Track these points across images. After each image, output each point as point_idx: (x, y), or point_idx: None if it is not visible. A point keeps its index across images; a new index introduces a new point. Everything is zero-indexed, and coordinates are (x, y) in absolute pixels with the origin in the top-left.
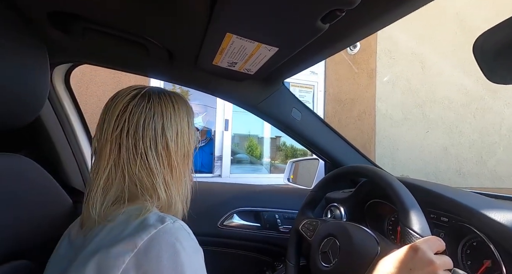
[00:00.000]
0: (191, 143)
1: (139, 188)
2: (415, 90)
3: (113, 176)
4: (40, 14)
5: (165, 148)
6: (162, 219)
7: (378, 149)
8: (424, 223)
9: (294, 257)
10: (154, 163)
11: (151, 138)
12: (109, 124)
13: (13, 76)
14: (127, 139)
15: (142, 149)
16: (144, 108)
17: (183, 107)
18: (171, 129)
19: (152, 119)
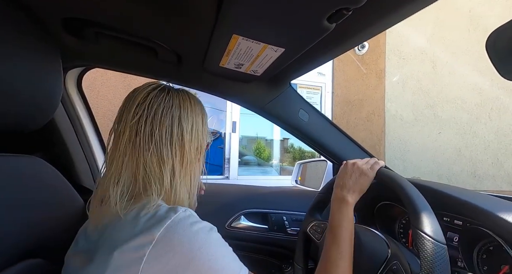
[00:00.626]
0: (204, 138)
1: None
2: (426, 91)
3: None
4: (55, 20)
5: (180, 139)
6: (174, 209)
7: (388, 151)
8: (436, 225)
9: (302, 259)
10: (166, 151)
11: (167, 126)
12: (129, 112)
13: (28, 80)
14: (144, 126)
15: (158, 136)
16: (163, 99)
17: (198, 104)
18: (187, 120)
19: (170, 109)
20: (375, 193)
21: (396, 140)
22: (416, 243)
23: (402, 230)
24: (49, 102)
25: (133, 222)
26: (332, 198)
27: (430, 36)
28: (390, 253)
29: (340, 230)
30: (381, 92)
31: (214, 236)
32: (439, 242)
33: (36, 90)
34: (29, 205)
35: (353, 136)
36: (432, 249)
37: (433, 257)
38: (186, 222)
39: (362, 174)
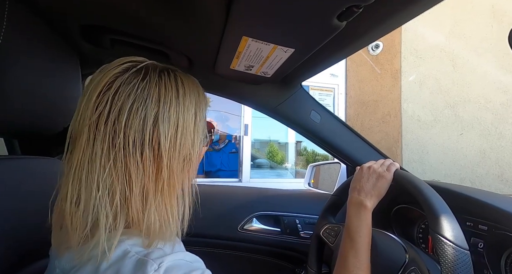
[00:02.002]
0: (195, 144)
1: (108, 201)
2: (446, 90)
3: (84, 179)
4: (73, 29)
5: (156, 148)
6: (142, 267)
7: (405, 153)
8: (458, 229)
9: (316, 263)
10: (135, 165)
11: (137, 130)
12: (88, 104)
13: (49, 86)
14: (105, 128)
15: (121, 144)
16: (136, 86)
17: (191, 94)
18: (167, 122)
19: (143, 105)
20: (392, 195)
21: (414, 142)
22: (436, 249)
23: (422, 235)
24: (69, 107)
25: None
26: (348, 203)
27: (449, 33)
28: (408, 258)
29: (359, 237)
30: (397, 92)
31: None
32: (461, 248)
33: (56, 96)
34: (47, 204)
35: (368, 138)
36: (453, 255)
37: (455, 264)
38: None
39: (380, 177)
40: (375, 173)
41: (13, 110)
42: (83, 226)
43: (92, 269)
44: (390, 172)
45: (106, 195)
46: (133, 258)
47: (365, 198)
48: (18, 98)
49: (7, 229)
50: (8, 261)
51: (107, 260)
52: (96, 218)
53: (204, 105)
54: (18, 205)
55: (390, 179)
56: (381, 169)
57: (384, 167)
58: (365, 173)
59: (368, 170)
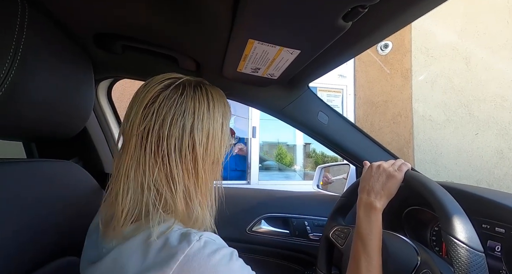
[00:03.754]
0: (222, 149)
1: (155, 196)
2: (459, 89)
3: (132, 177)
4: (87, 36)
5: (191, 152)
6: (186, 237)
7: (417, 154)
8: (471, 231)
9: (325, 266)
10: (176, 167)
11: (177, 138)
12: (136, 115)
13: (64, 92)
14: (151, 135)
15: (165, 149)
16: (175, 101)
17: (219, 106)
18: (201, 131)
19: (182, 117)
20: (403, 197)
21: (426, 142)
22: (448, 251)
23: (435, 238)
24: (83, 112)
25: (141, 250)
26: (358, 204)
27: (461, 30)
28: (420, 261)
29: (370, 239)
30: (407, 92)
31: (236, 266)
32: (475, 250)
33: (71, 102)
34: (64, 206)
35: (379, 139)
36: (467, 257)
37: (468, 266)
38: (202, 254)
39: (390, 177)
40: (385, 172)
41: (31, 115)
42: (130, 214)
43: (143, 238)
44: (401, 171)
45: (155, 192)
46: (178, 231)
47: (375, 199)
48: (36, 103)
49: (25, 229)
50: (25, 261)
51: (155, 233)
52: (144, 208)
53: (228, 115)
54: (36, 206)
55: (401, 179)
56: (392, 169)
57: (395, 166)
58: (374, 172)
59: (377, 169)
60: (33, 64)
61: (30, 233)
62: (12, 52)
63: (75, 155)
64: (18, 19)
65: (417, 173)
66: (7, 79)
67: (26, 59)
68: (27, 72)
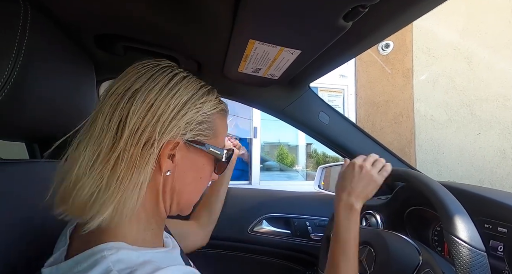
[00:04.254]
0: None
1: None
2: (461, 89)
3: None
4: (88, 37)
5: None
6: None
7: (419, 154)
8: (473, 230)
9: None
10: (98, 136)
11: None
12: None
13: (66, 93)
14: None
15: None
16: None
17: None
18: (143, 97)
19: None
20: (405, 196)
21: (428, 142)
22: (450, 250)
23: (437, 238)
24: (84, 112)
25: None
26: (337, 203)
27: (463, 30)
28: (421, 261)
29: (349, 240)
30: (408, 92)
31: None
32: (477, 249)
33: (73, 102)
34: None
35: (380, 139)
36: (468, 256)
37: (470, 265)
38: None
39: (372, 181)
40: (367, 176)
41: (33, 116)
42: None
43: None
44: (382, 177)
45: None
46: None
47: (355, 200)
48: (39, 105)
49: (28, 229)
50: (28, 261)
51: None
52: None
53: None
54: (39, 205)
55: (380, 184)
56: (374, 172)
57: (376, 169)
58: (356, 173)
59: (359, 170)
60: (36, 65)
61: (32, 234)
62: (15, 53)
63: None
64: (20, 20)
65: (419, 172)
66: (10, 80)
67: (29, 60)
68: (29, 73)
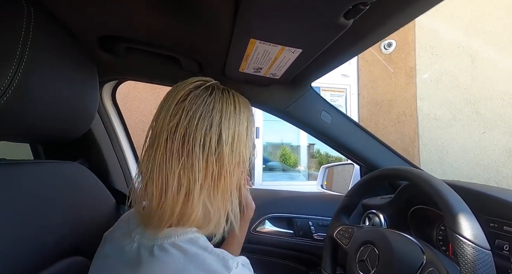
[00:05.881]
0: (247, 151)
1: (176, 195)
2: (465, 87)
3: (162, 173)
4: (91, 38)
5: (216, 149)
6: (225, 263)
7: (423, 153)
8: (477, 228)
9: (330, 266)
10: (198, 164)
11: (203, 134)
12: (167, 112)
13: (69, 94)
14: (179, 131)
15: (191, 144)
16: (204, 100)
17: (245, 110)
18: (227, 129)
19: (210, 114)
20: (409, 195)
21: (432, 142)
22: (454, 249)
23: (441, 237)
24: (87, 113)
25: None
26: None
27: (467, 28)
28: (425, 260)
29: None
30: (411, 91)
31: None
32: (481, 247)
33: (76, 104)
34: (70, 206)
35: (383, 138)
36: (473, 255)
37: (475, 264)
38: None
39: None
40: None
41: (37, 117)
42: (161, 211)
43: (180, 255)
44: None
45: (178, 188)
46: (213, 253)
47: None
48: (42, 106)
49: (33, 229)
50: (32, 261)
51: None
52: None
53: (253, 122)
54: (43, 206)
55: None
56: None
57: None
58: None
59: None
60: (39, 67)
61: (36, 233)
62: (18, 55)
63: (81, 156)
64: (24, 22)
65: (421, 170)
66: (14, 81)
67: (32, 62)
68: (33, 74)
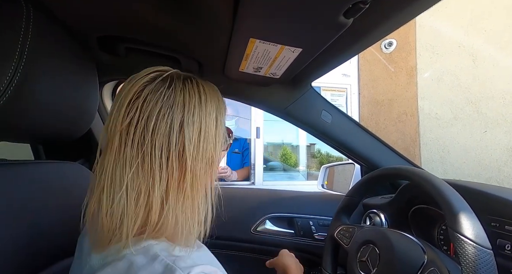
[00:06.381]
0: (217, 147)
1: (133, 203)
2: (466, 86)
3: (118, 181)
4: (91, 39)
5: (181, 151)
6: (170, 272)
7: (424, 152)
8: (479, 227)
9: (331, 265)
10: (159, 168)
11: (163, 134)
12: (120, 110)
13: (69, 94)
14: (134, 133)
15: (149, 148)
16: (162, 94)
17: (212, 99)
18: (192, 126)
19: (170, 111)
20: (410, 195)
21: (433, 141)
22: (455, 248)
23: (443, 237)
24: (87, 114)
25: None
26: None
27: (468, 27)
28: (426, 259)
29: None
30: (412, 90)
31: None
32: (482, 247)
33: (76, 104)
34: (70, 206)
35: (384, 138)
36: (474, 254)
37: (476, 264)
38: None
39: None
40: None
41: (37, 117)
42: (113, 226)
43: (124, 267)
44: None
45: (132, 197)
46: (162, 263)
47: None
48: (42, 106)
49: (34, 230)
50: (33, 261)
51: (137, 262)
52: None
53: (223, 111)
54: (44, 206)
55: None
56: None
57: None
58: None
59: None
60: (39, 67)
61: (38, 233)
62: (18, 55)
63: (81, 156)
64: (23, 22)
65: (423, 170)
66: (13, 82)
67: (32, 62)
68: (32, 74)
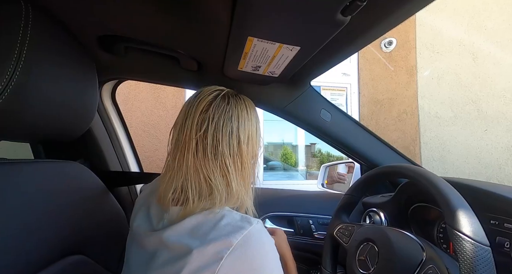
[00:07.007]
0: (258, 145)
1: (213, 187)
2: (467, 85)
3: (192, 172)
4: (91, 38)
5: (238, 149)
6: (248, 219)
7: (424, 152)
8: (477, 225)
9: (330, 264)
10: (229, 163)
11: (228, 139)
12: (193, 121)
13: (69, 94)
14: (207, 138)
15: (221, 148)
16: (224, 110)
17: (253, 112)
18: (244, 132)
19: (230, 121)
20: (409, 193)
21: (433, 140)
22: (453, 245)
23: (442, 235)
24: (87, 113)
25: (207, 223)
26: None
27: (468, 25)
28: (425, 257)
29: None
30: (413, 89)
31: (276, 254)
32: (480, 244)
33: (76, 103)
34: (70, 206)
35: (384, 137)
36: (472, 251)
37: (474, 260)
38: (260, 236)
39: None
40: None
41: (36, 116)
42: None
43: (212, 214)
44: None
45: (218, 180)
46: (239, 215)
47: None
48: (42, 105)
49: (34, 228)
50: (33, 260)
51: (221, 212)
52: (209, 192)
53: (258, 119)
54: (44, 205)
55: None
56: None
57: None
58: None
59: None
60: (38, 66)
61: (38, 232)
62: (17, 54)
63: (81, 156)
64: (22, 21)
65: (421, 168)
66: (12, 81)
67: (31, 61)
68: (31, 74)
